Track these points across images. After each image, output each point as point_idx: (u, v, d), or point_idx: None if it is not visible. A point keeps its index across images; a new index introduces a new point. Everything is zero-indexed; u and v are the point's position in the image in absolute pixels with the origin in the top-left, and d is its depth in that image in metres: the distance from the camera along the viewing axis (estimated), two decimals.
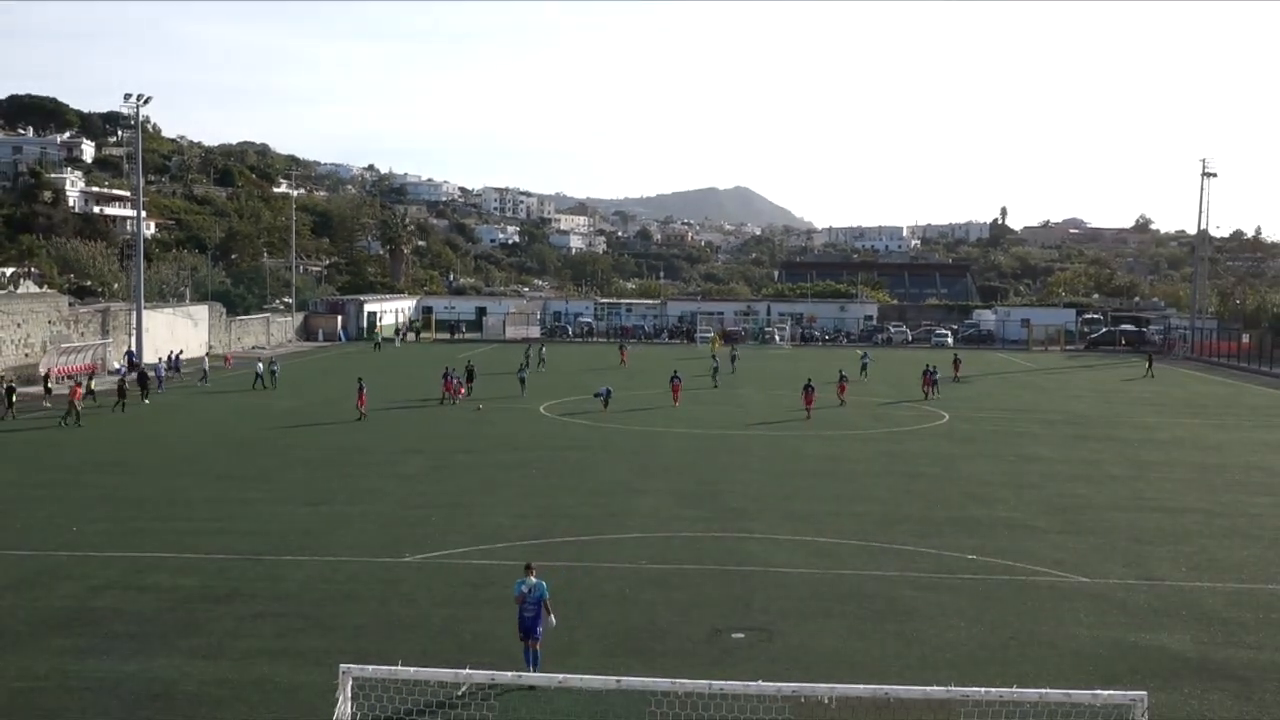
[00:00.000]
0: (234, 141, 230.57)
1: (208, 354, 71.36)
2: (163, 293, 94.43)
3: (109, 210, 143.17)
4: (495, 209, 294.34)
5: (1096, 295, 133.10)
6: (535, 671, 16.67)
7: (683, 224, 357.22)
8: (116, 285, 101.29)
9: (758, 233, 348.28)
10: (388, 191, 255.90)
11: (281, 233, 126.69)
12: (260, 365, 60.56)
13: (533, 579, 17.55)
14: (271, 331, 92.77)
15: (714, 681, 13.32)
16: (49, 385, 52.60)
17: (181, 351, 74.90)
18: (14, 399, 47.10)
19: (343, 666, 13.20)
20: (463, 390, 54.80)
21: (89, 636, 19.37)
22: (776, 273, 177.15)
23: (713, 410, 51.44)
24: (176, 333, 76.27)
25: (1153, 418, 51.68)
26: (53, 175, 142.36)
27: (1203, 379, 73.91)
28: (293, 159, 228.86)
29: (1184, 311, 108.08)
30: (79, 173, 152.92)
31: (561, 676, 13.72)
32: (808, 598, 22.11)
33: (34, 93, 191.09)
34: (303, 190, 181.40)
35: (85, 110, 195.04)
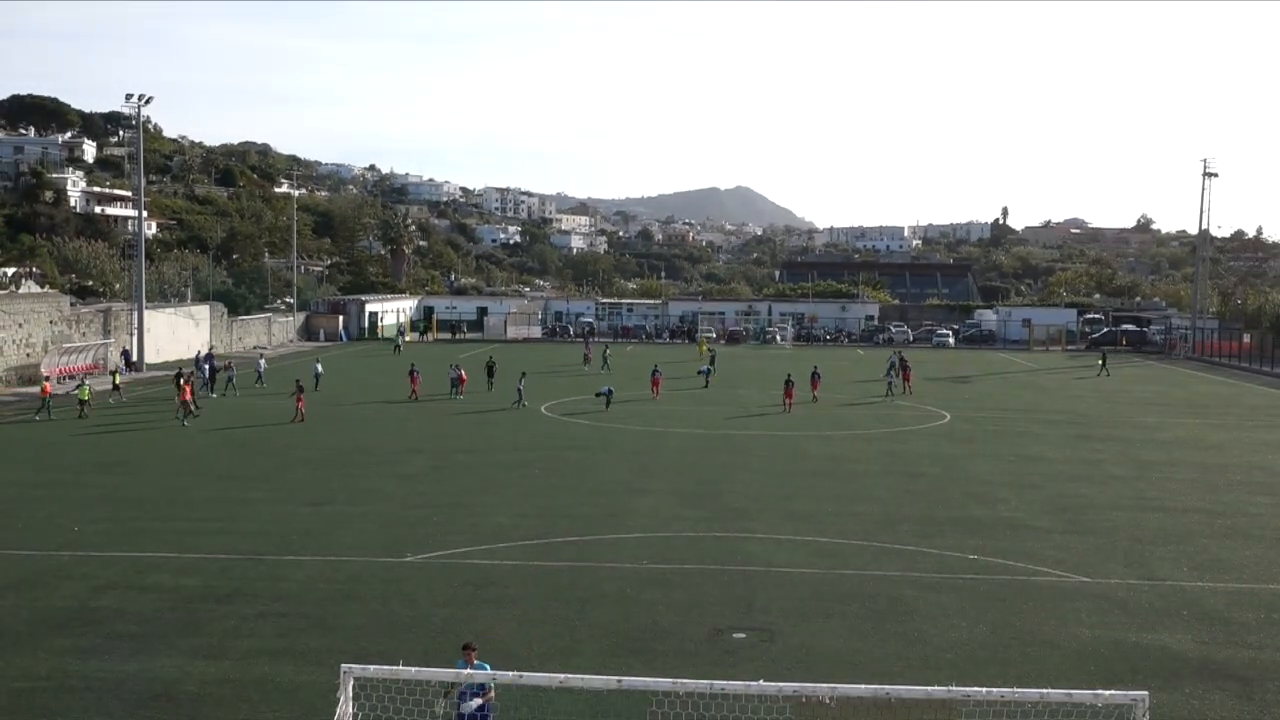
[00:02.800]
0: (235, 141, 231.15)
1: (262, 355, 69.33)
2: (164, 293, 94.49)
3: (110, 210, 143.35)
4: (496, 209, 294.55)
5: (1098, 295, 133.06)
6: None
7: (684, 224, 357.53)
8: (118, 285, 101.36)
9: (759, 233, 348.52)
10: (389, 191, 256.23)
11: (283, 233, 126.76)
12: (319, 366, 59.65)
13: (474, 660, 14.53)
14: (273, 331, 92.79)
15: (715, 681, 13.30)
16: (117, 383, 53.48)
17: (214, 348, 74.88)
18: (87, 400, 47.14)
19: (344, 666, 13.19)
20: (462, 389, 55.12)
21: (90, 636, 19.37)
22: (778, 273, 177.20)
23: (696, 407, 51.43)
24: (178, 333, 76.32)
25: (1154, 418, 51.67)
26: (54, 175, 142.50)
27: (1204, 379, 73.89)
28: (294, 159, 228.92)
29: (1185, 311, 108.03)
30: (80, 173, 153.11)
31: (562, 676, 13.71)
32: (809, 598, 22.11)
33: (35, 93, 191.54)
34: (304, 190, 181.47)
35: (86, 110, 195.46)
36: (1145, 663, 18.82)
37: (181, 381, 47.28)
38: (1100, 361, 75.06)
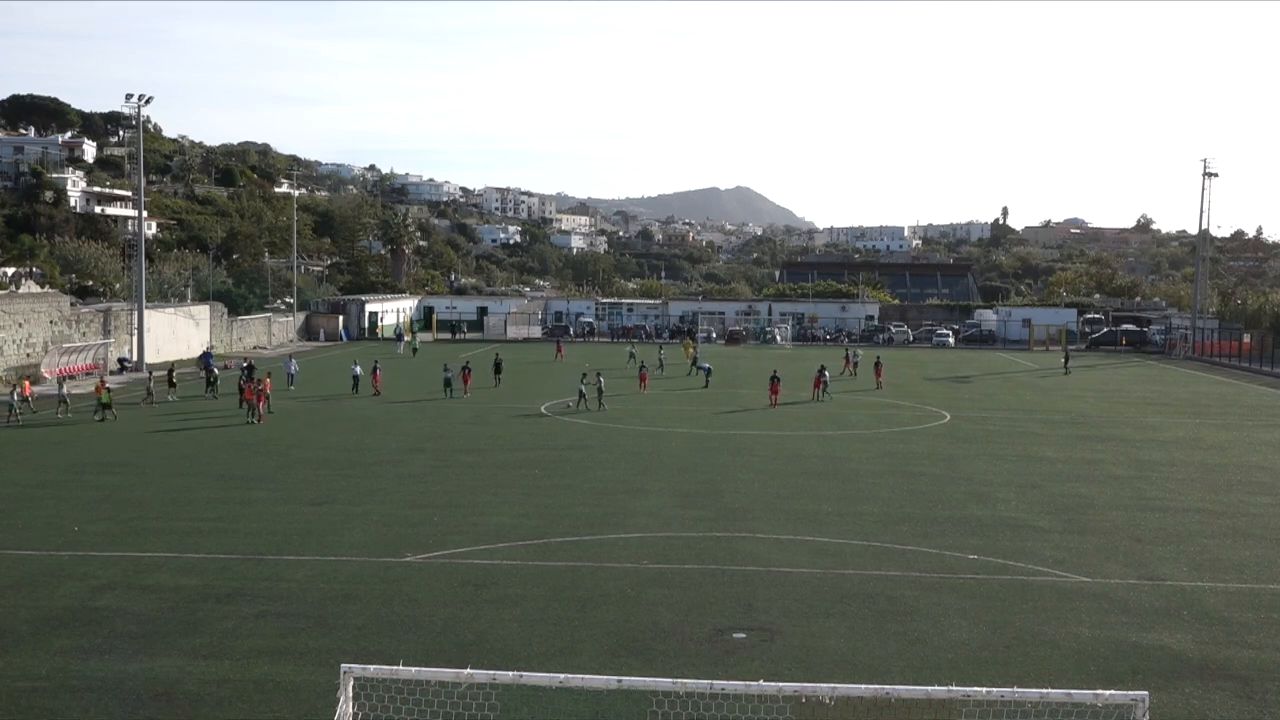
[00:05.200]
0: (235, 141, 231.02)
1: (293, 356, 67.58)
2: (164, 293, 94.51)
3: (111, 210, 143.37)
4: (496, 209, 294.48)
5: (1098, 295, 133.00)
6: None
7: (684, 224, 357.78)
8: (118, 285, 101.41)
9: (759, 233, 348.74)
10: (389, 191, 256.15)
11: (283, 232, 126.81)
12: (358, 368, 58.42)
13: None
14: (273, 331, 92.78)
15: (715, 681, 13.31)
16: (173, 380, 54.09)
17: (213, 347, 74.74)
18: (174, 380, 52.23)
19: (344, 666, 13.20)
20: (467, 388, 55.54)
21: (91, 636, 19.38)
22: (778, 273, 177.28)
23: (696, 407, 51.43)
24: (178, 333, 76.33)
25: (1154, 417, 51.67)
26: (54, 175, 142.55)
27: (1204, 379, 73.89)
28: (294, 159, 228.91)
29: (1185, 311, 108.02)
30: (80, 172, 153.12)
31: (563, 676, 13.71)
32: (809, 598, 22.11)
33: (35, 93, 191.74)
34: (304, 190, 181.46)
35: (87, 110, 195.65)
36: (1145, 663, 18.82)
37: (247, 380, 48.93)
38: (1064, 360, 76.83)
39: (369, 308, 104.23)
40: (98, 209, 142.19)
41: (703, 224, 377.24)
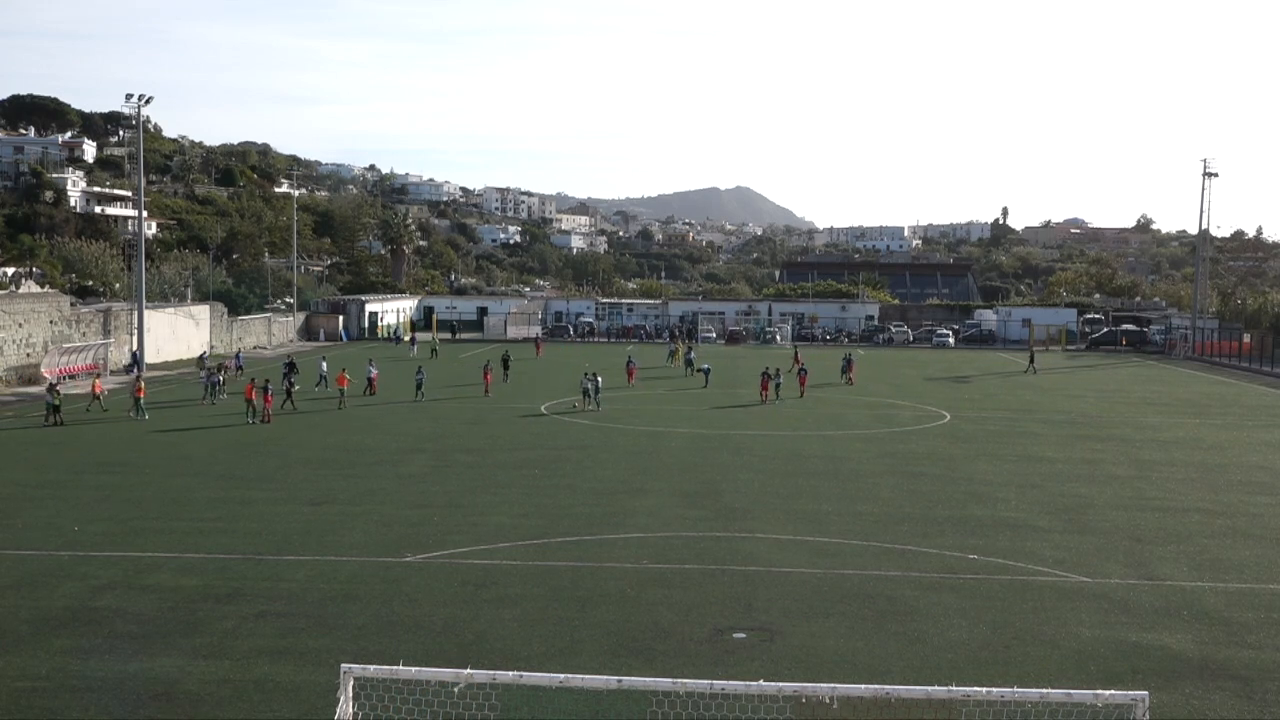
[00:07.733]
0: (235, 141, 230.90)
1: (324, 358, 65.24)
2: (164, 293, 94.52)
3: (110, 210, 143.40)
4: (496, 209, 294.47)
5: (1098, 295, 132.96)
6: None
7: (684, 224, 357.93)
8: (118, 285, 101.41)
9: (759, 233, 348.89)
10: (389, 191, 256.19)
11: (283, 232, 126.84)
12: (372, 369, 57.30)
13: None
14: (273, 331, 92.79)
15: (715, 681, 13.31)
16: (214, 380, 54.16)
17: (239, 351, 74.62)
18: (222, 378, 53.59)
19: (344, 666, 13.19)
20: (489, 383, 57.06)
21: (91, 636, 19.37)
22: (778, 272, 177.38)
23: (696, 407, 51.43)
24: (178, 333, 76.32)
25: (1154, 417, 51.66)
26: (54, 175, 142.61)
27: (1204, 379, 73.88)
28: (294, 159, 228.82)
29: (1185, 311, 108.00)
30: (80, 172, 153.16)
31: (563, 676, 13.70)
32: (809, 598, 22.11)
33: (35, 93, 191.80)
34: (304, 190, 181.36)
35: (87, 110, 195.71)
36: (1145, 663, 18.81)
37: (287, 375, 51.72)
38: (1029, 359, 77.41)
39: (369, 308, 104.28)
40: (98, 209, 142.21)
41: (703, 224, 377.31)
